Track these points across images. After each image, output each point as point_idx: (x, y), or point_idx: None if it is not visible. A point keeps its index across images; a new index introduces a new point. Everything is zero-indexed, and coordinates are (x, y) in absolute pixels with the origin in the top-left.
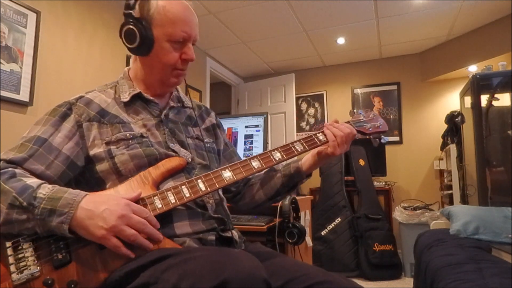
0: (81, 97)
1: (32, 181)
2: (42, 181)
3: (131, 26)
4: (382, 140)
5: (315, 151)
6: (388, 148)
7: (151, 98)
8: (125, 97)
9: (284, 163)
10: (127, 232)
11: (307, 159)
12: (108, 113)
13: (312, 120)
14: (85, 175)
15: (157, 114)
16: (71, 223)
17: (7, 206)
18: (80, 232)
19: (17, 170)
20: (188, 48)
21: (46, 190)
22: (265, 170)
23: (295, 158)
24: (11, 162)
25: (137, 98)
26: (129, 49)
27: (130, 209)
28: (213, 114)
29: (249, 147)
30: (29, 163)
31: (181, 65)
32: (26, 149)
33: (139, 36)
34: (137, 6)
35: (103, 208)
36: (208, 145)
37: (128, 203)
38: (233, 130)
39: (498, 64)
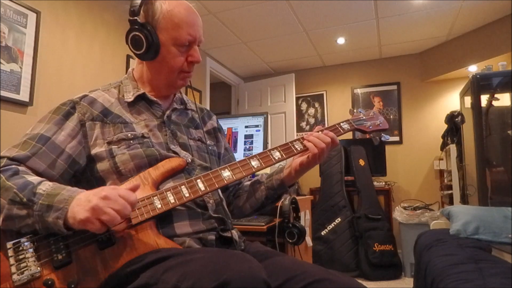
0: (85, 96)
1: (33, 178)
2: (43, 179)
3: (137, 33)
4: (382, 138)
5: (297, 162)
6: (388, 148)
7: (155, 99)
8: (129, 97)
9: (268, 173)
10: (105, 214)
11: (288, 171)
12: (111, 113)
13: (312, 120)
14: (86, 174)
15: (160, 115)
16: (65, 217)
17: (8, 201)
18: (70, 222)
19: (20, 168)
20: (194, 50)
21: (46, 186)
22: (263, 169)
23: (278, 168)
24: (14, 160)
25: (140, 98)
26: (136, 55)
27: (116, 193)
28: (214, 117)
29: (249, 147)
30: (32, 161)
31: (187, 67)
32: (29, 147)
33: (146, 42)
34: (142, 12)
35: (91, 193)
36: (210, 147)
37: (115, 187)
38: (233, 130)
39: (498, 64)
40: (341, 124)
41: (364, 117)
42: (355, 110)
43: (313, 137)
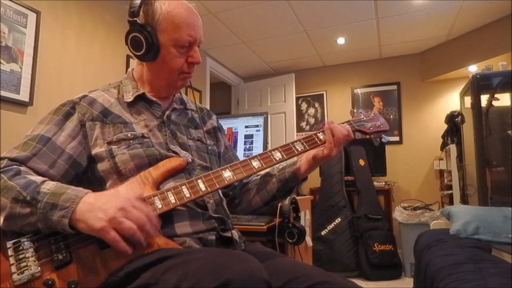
0: (84, 96)
1: (36, 177)
2: (46, 178)
3: (137, 34)
4: (383, 140)
5: (310, 154)
6: (388, 148)
7: (154, 99)
8: (129, 98)
9: (280, 166)
10: (125, 224)
11: (302, 163)
12: (111, 113)
13: (312, 120)
14: (87, 174)
15: (160, 115)
16: (72, 217)
17: (11, 200)
18: (79, 226)
19: (22, 168)
20: (194, 51)
21: (50, 185)
22: (264, 169)
23: (291, 161)
24: (15, 161)
25: (140, 98)
26: (136, 56)
27: (131, 204)
28: (214, 117)
29: (249, 147)
30: (33, 161)
31: (187, 68)
32: (29, 148)
33: (146, 44)
34: (141, 13)
35: (104, 201)
36: (209, 147)
37: (128, 198)
38: (233, 130)
39: (498, 64)
40: (343, 124)
41: (364, 118)
42: (355, 111)
43: (329, 127)
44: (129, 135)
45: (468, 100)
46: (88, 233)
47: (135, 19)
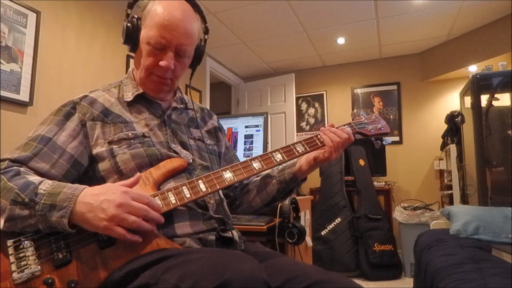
0: (85, 96)
1: (35, 178)
2: (44, 178)
3: (125, 23)
4: (384, 142)
5: (310, 156)
6: (388, 148)
7: (154, 98)
8: (129, 97)
9: (280, 167)
10: (128, 219)
11: (302, 164)
12: (112, 113)
13: (312, 120)
14: (88, 174)
15: (160, 114)
16: (71, 217)
17: (10, 202)
18: (83, 225)
19: (21, 169)
20: (167, 56)
21: (46, 186)
22: (264, 171)
23: (290, 162)
24: (16, 161)
25: (140, 98)
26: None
27: (129, 197)
28: (215, 117)
29: (249, 147)
30: (34, 162)
31: (158, 71)
32: (30, 148)
33: (125, 33)
34: (138, 6)
35: (102, 199)
36: (210, 147)
37: (125, 190)
38: (233, 130)
39: (498, 64)
40: (343, 127)
41: (365, 120)
42: (355, 112)
43: (328, 131)
44: (129, 134)
45: (468, 100)
46: (94, 231)
47: (128, 10)
